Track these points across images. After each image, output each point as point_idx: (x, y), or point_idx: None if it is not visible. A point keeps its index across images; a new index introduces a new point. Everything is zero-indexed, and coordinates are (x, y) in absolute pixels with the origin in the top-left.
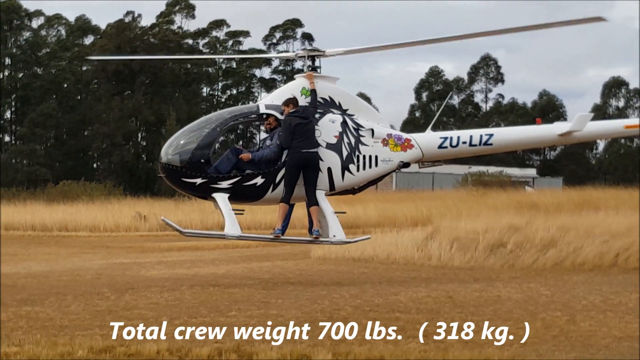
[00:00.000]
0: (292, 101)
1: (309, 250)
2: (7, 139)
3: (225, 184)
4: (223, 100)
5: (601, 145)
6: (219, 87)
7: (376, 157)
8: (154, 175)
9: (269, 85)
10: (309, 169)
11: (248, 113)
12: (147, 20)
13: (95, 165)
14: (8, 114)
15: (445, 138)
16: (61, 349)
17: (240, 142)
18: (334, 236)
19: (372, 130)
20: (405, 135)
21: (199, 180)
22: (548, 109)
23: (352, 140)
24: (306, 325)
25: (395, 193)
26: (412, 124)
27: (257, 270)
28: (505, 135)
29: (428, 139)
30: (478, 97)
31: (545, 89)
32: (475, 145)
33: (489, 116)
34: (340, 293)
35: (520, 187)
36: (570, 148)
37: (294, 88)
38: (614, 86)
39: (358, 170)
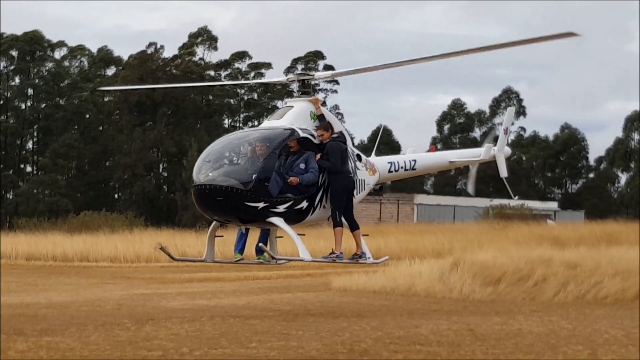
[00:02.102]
0: (331, 126)
1: (330, 282)
2: (29, 169)
3: (281, 208)
4: None
5: (623, 178)
6: (241, 119)
7: (364, 181)
8: (175, 206)
9: None
10: (351, 193)
11: (290, 136)
12: (169, 52)
13: (116, 196)
14: (30, 145)
15: (391, 163)
16: None
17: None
18: (369, 258)
19: (360, 156)
20: (370, 160)
21: (261, 205)
22: (570, 142)
23: (353, 165)
24: (327, 357)
25: (416, 225)
26: None
27: (278, 302)
28: (422, 160)
29: (381, 164)
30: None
31: (566, 122)
32: (407, 169)
33: (511, 149)
34: (360, 325)
35: (542, 221)
36: (591, 182)
37: (302, 112)
38: (636, 119)
39: (357, 193)
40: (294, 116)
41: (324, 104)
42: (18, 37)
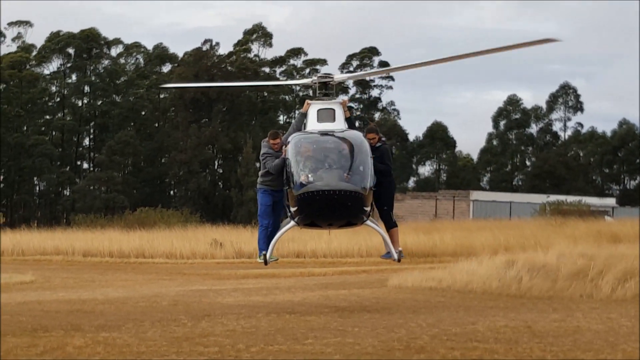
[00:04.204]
0: (377, 130)
1: (386, 279)
2: (85, 166)
3: (369, 210)
4: None
5: None
6: (296, 115)
7: None
8: (230, 203)
9: None
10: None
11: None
12: (224, 49)
13: (172, 193)
14: (87, 141)
15: None
16: None
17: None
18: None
19: None
20: None
21: (368, 208)
22: (628, 137)
23: None
24: (383, 353)
25: (472, 222)
26: (490, 153)
27: (334, 298)
28: None
29: None
30: (557, 126)
31: (624, 117)
32: None
33: (568, 145)
34: (417, 322)
35: (600, 217)
36: None
37: (342, 114)
38: None
39: None
40: (341, 119)
41: (378, 99)
42: (75, 35)
